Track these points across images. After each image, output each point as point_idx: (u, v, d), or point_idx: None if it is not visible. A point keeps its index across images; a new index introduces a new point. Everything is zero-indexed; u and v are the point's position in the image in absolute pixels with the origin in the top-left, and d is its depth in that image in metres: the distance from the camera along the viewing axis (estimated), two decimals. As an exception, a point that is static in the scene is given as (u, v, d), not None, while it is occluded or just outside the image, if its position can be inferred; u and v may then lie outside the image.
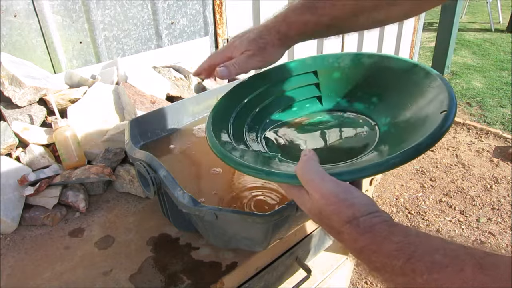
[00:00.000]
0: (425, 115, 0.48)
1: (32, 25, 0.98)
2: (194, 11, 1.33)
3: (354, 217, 0.37)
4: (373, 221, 0.36)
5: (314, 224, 0.79)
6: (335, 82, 0.64)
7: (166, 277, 0.60)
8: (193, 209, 0.52)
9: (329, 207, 0.39)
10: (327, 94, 0.65)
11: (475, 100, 3.21)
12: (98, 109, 0.91)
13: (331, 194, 0.39)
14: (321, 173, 0.41)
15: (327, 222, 0.40)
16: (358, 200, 0.38)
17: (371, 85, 0.60)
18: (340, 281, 1.14)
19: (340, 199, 0.38)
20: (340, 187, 0.39)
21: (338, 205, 0.38)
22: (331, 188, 0.39)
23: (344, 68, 0.63)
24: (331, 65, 0.64)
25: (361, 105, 0.61)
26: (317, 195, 0.40)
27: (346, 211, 0.38)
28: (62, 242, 0.68)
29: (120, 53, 1.19)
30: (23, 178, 0.73)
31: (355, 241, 0.37)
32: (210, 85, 1.13)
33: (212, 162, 0.74)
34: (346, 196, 0.39)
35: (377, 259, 0.35)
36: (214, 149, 0.50)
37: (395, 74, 0.57)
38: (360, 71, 0.61)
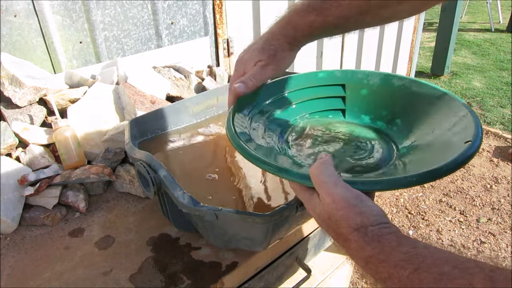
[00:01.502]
0: (448, 142, 0.48)
1: (32, 25, 0.98)
2: (194, 11, 1.33)
3: (362, 225, 0.37)
4: (382, 232, 0.36)
5: (314, 224, 0.79)
6: (361, 98, 0.65)
7: (166, 277, 0.60)
8: (193, 209, 0.52)
9: (338, 212, 0.38)
10: (351, 109, 0.66)
11: (475, 100, 3.21)
12: (98, 109, 0.91)
13: (342, 199, 0.39)
14: (335, 178, 0.40)
15: (336, 228, 0.39)
16: (368, 209, 0.38)
17: (397, 106, 0.61)
18: (340, 281, 1.14)
19: (351, 205, 0.38)
20: (352, 193, 0.39)
21: (348, 211, 0.38)
22: (343, 193, 0.39)
23: (372, 86, 0.64)
24: (360, 81, 0.65)
25: (384, 125, 0.62)
26: (328, 198, 0.39)
27: (355, 218, 0.37)
28: (62, 242, 0.68)
29: (120, 53, 1.19)
30: (23, 178, 0.73)
31: (362, 250, 0.36)
32: (210, 85, 1.13)
33: (209, 165, 0.74)
34: (357, 203, 0.38)
35: (384, 270, 0.34)
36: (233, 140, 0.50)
37: (423, 99, 0.57)
38: (388, 92, 0.62)
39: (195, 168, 0.73)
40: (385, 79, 0.63)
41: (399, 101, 0.61)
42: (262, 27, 1.61)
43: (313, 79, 0.67)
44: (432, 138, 0.52)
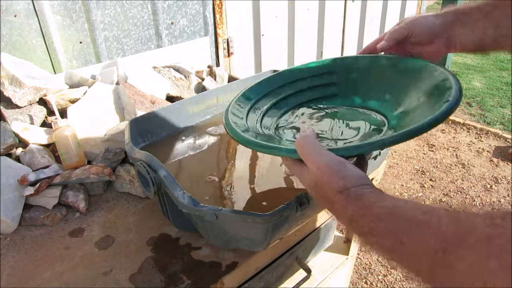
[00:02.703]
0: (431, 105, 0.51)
1: (32, 25, 0.98)
2: (194, 11, 1.33)
3: (345, 188, 0.40)
4: (363, 191, 0.39)
5: (314, 224, 0.79)
6: (352, 82, 0.68)
7: (166, 277, 0.60)
8: (193, 209, 0.52)
9: (323, 177, 0.42)
10: (343, 93, 0.70)
11: (475, 100, 3.21)
12: (98, 109, 0.91)
13: (325, 166, 0.42)
14: (318, 148, 0.44)
15: (322, 193, 0.42)
16: (350, 173, 0.41)
17: (386, 83, 0.64)
18: (340, 281, 1.14)
19: (334, 171, 0.41)
20: (335, 160, 0.43)
21: (331, 176, 0.41)
22: (326, 160, 0.42)
23: (362, 69, 0.67)
24: (350, 66, 0.68)
25: (375, 103, 0.65)
26: (313, 167, 0.43)
27: (338, 182, 0.40)
28: (62, 242, 0.68)
29: (120, 53, 1.19)
30: (23, 178, 0.73)
31: (346, 209, 0.39)
32: (210, 85, 1.13)
33: (210, 166, 0.74)
34: (340, 168, 0.42)
35: (364, 224, 0.37)
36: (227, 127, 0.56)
37: (408, 73, 0.60)
38: (376, 72, 0.65)
39: (195, 169, 0.73)
40: (373, 60, 0.66)
41: (387, 79, 0.64)
42: (262, 27, 1.62)
43: (305, 70, 0.71)
44: (417, 105, 0.56)
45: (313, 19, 1.85)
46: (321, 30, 1.91)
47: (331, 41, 2.02)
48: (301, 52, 1.86)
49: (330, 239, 0.96)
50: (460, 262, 0.28)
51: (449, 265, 0.29)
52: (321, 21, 1.88)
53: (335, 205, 0.40)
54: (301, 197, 0.54)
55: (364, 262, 1.68)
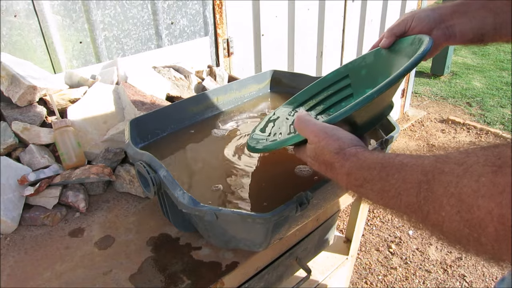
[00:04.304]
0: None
1: (32, 25, 0.98)
2: (194, 11, 1.33)
3: (340, 148, 0.45)
4: (357, 150, 0.44)
5: (314, 224, 0.79)
6: (362, 78, 0.74)
7: (166, 277, 0.60)
8: (193, 209, 0.52)
9: (321, 143, 0.47)
10: (357, 90, 0.76)
11: (475, 100, 3.21)
12: (98, 109, 0.91)
13: (320, 131, 0.47)
14: (313, 120, 0.50)
15: (322, 159, 0.47)
16: (344, 136, 0.46)
17: (388, 69, 0.68)
18: (340, 281, 1.14)
19: (329, 135, 0.47)
20: (329, 126, 0.48)
21: (327, 140, 0.46)
22: (321, 127, 0.48)
23: (369, 65, 0.73)
24: (359, 65, 0.74)
25: None
26: (311, 136, 0.48)
27: (334, 144, 0.45)
28: (62, 242, 0.68)
29: (120, 53, 1.19)
30: (23, 178, 0.73)
31: (343, 166, 0.44)
32: (210, 85, 1.13)
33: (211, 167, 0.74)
34: (334, 132, 0.47)
35: (360, 175, 0.42)
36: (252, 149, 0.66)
37: (403, 51, 0.65)
38: (380, 62, 0.70)
39: (195, 169, 0.73)
40: (377, 53, 0.71)
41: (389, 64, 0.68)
42: (262, 27, 1.62)
43: (323, 82, 0.79)
44: None
45: (313, 19, 1.85)
46: (321, 30, 1.91)
47: (331, 41, 2.02)
48: (301, 52, 1.86)
49: (330, 239, 0.96)
50: (440, 187, 0.33)
51: (432, 191, 0.33)
52: (321, 21, 1.88)
53: (333, 165, 0.45)
54: (301, 197, 0.54)
55: (364, 262, 1.68)
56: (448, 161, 0.34)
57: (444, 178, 0.33)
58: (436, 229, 0.34)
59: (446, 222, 0.32)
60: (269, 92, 1.03)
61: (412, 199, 0.35)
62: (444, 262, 1.66)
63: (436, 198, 0.33)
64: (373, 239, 1.80)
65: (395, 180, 0.37)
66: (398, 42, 0.67)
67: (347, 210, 1.93)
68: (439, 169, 0.34)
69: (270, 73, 1.03)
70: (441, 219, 0.32)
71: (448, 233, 0.33)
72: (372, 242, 1.78)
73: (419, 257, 1.69)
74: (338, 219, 1.85)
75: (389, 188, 0.38)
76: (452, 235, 0.32)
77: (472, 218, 0.30)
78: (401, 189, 0.37)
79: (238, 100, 0.97)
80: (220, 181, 0.68)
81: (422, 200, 0.34)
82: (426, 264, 1.65)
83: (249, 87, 0.99)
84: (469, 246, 0.31)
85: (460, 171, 0.32)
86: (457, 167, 0.32)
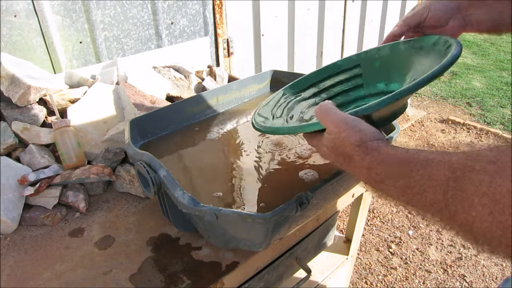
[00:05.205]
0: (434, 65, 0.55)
1: (32, 25, 0.98)
2: (194, 11, 1.33)
3: (362, 141, 0.43)
4: (379, 144, 0.43)
5: (314, 224, 0.79)
6: (375, 70, 0.72)
7: (166, 277, 0.60)
8: (193, 209, 0.52)
9: (341, 134, 0.45)
10: (367, 82, 0.74)
11: (475, 100, 3.21)
12: (98, 109, 0.91)
13: (342, 122, 0.45)
14: (335, 109, 0.48)
15: (341, 150, 0.45)
16: (366, 128, 0.45)
17: (405, 65, 0.66)
18: (340, 281, 1.14)
19: (350, 126, 0.45)
20: (350, 117, 0.46)
21: (348, 132, 0.44)
22: (342, 118, 0.46)
23: (384, 57, 0.71)
24: (373, 56, 0.72)
25: (396, 85, 0.68)
26: (331, 126, 0.46)
27: (355, 136, 0.44)
28: (62, 242, 0.68)
29: (120, 53, 1.19)
30: (23, 178, 0.73)
31: (363, 160, 0.42)
32: (210, 85, 1.13)
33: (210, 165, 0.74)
34: (355, 124, 0.45)
35: (382, 170, 0.40)
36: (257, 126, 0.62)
37: (424, 50, 0.63)
38: (397, 57, 0.69)
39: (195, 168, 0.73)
40: (393, 47, 0.69)
41: (406, 61, 0.66)
42: (262, 27, 1.62)
43: (333, 67, 0.76)
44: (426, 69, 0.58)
45: (313, 19, 1.85)
46: (321, 30, 1.91)
47: (331, 41, 2.02)
48: (301, 52, 1.86)
49: (330, 239, 0.96)
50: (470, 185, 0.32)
51: (461, 189, 0.32)
52: (321, 21, 1.88)
53: (353, 157, 0.44)
54: (301, 197, 0.54)
55: (364, 262, 1.68)
56: (479, 158, 0.33)
57: (475, 176, 0.31)
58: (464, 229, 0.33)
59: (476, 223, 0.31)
60: (269, 92, 1.03)
61: (438, 196, 0.34)
62: (444, 262, 1.66)
63: (466, 197, 0.32)
64: (373, 239, 1.80)
65: (420, 176, 0.36)
66: (418, 40, 0.65)
67: (347, 210, 1.93)
68: (470, 167, 0.32)
69: (270, 73, 1.03)
70: (471, 219, 0.31)
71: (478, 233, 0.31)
72: (372, 242, 1.78)
73: (419, 257, 1.69)
74: (338, 219, 1.86)
75: (413, 185, 0.37)
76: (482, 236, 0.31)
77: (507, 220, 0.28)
78: (426, 186, 0.35)
79: (238, 100, 0.97)
80: (220, 184, 0.68)
81: (449, 198, 0.33)
82: (426, 264, 1.65)
83: (249, 87, 0.99)
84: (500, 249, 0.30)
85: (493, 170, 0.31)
86: (489, 165, 0.31)
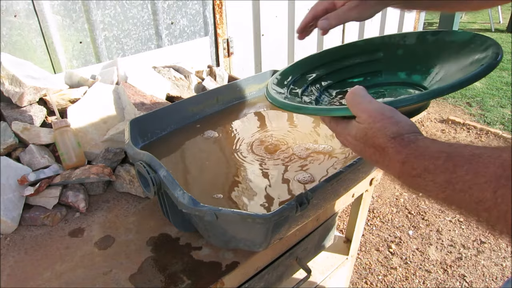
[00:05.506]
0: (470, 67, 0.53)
1: (32, 25, 0.98)
2: (194, 11, 1.33)
3: (398, 133, 0.40)
4: (417, 137, 0.40)
5: (314, 224, 0.79)
6: (397, 58, 0.70)
7: (166, 277, 0.60)
8: (193, 209, 0.52)
9: (376, 124, 0.41)
10: (388, 69, 0.71)
11: (475, 100, 3.21)
12: (98, 109, 0.91)
13: (377, 112, 0.42)
14: (369, 97, 0.44)
15: (372, 141, 0.42)
16: (403, 120, 0.41)
17: (431, 58, 0.64)
18: (340, 281, 1.14)
19: (386, 117, 0.41)
20: (386, 107, 0.42)
21: (384, 122, 0.41)
22: (378, 107, 0.42)
23: (408, 46, 0.68)
24: (397, 43, 0.70)
25: (419, 77, 0.66)
26: (364, 115, 0.43)
27: (391, 128, 0.40)
28: (62, 242, 0.68)
29: (120, 53, 1.19)
30: (23, 178, 0.73)
31: (399, 153, 0.39)
32: (210, 85, 1.13)
33: (209, 165, 0.74)
34: (392, 114, 0.42)
35: (419, 164, 0.37)
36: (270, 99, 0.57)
37: (456, 45, 0.61)
38: (422, 47, 0.66)
39: (194, 168, 0.73)
40: (420, 37, 0.67)
41: (434, 53, 0.64)
42: (262, 27, 1.62)
43: (353, 47, 0.73)
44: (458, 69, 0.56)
45: (313, 19, 1.85)
46: (321, 30, 1.91)
47: (331, 41, 2.02)
48: (301, 52, 1.86)
49: (330, 239, 0.96)
50: None
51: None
52: (321, 21, 1.89)
53: (387, 150, 0.40)
54: (301, 197, 0.54)
55: (364, 262, 1.68)
56: None
57: None
58: None
59: None
60: (269, 92, 1.03)
61: (486, 195, 0.32)
62: (444, 262, 1.66)
63: None
64: (373, 239, 1.80)
65: (465, 172, 0.34)
66: (449, 33, 0.63)
67: (347, 210, 1.93)
68: None
69: (270, 73, 1.03)
70: None
71: None
72: (372, 242, 1.78)
73: (419, 257, 1.69)
74: (338, 219, 1.86)
75: (456, 181, 0.34)
76: None
77: None
78: (471, 183, 0.33)
79: (238, 100, 0.97)
80: (220, 184, 0.68)
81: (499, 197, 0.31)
82: (426, 264, 1.65)
83: (249, 87, 0.99)
84: None
85: None
86: None
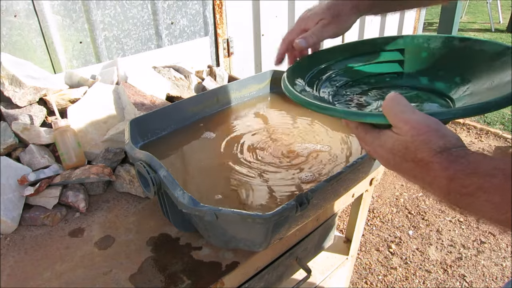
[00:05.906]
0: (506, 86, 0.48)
1: (32, 25, 0.98)
2: (194, 11, 1.33)
3: (445, 148, 0.36)
4: (466, 152, 0.36)
5: (314, 224, 0.79)
6: (420, 61, 0.66)
7: (166, 277, 0.60)
8: (193, 209, 0.52)
9: (420, 137, 0.38)
10: (409, 72, 0.67)
11: (475, 100, 3.21)
12: (98, 109, 0.91)
13: (422, 124, 0.38)
14: (411, 107, 0.40)
15: (414, 155, 0.38)
16: (450, 133, 0.38)
17: (457, 66, 0.61)
18: (340, 281, 1.14)
19: (432, 129, 0.38)
20: (431, 119, 0.39)
21: (430, 135, 0.37)
22: (422, 119, 0.39)
23: (433, 49, 0.65)
24: (421, 45, 0.66)
25: (442, 84, 0.62)
26: (406, 126, 0.39)
27: (438, 141, 0.37)
28: (62, 242, 0.68)
29: (120, 53, 1.19)
30: (23, 178, 0.73)
31: (446, 169, 0.36)
32: (210, 85, 1.13)
33: (210, 167, 0.74)
34: (438, 127, 0.38)
35: (471, 182, 0.34)
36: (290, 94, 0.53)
37: (485, 56, 0.58)
38: (449, 53, 0.63)
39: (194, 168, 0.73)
40: (446, 41, 0.64)
41: (460, 61, 0.61)
42: (262, 27, 1.62)
43: (372, 44, 0.69)
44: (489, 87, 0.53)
45: (313, 19, 1.85)
46: (321, 30, 1.91)
47: (331, 41, 2.02)
48: (301, 52, 1.86)
49: (330, 239, 0.96)
50: None
51: None
52: (321, 21, 1.89)
53: (432, 165, 0.37)
54: (301, 197, 0.54)
55: (364, 262, 1.68)
56: None
57: None
58: None
59: None
60: (269, 92, 1.03)
61: None
62: (444, 262, 1.66)
63: None
64: (373, 239, 1.80)
65: None
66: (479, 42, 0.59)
67: (347, 210, 1.93)
68: None
69: (270, 73, 1.03)
70: None
71: None
72: (372, 242, 1.78)
73: (419, 257, 1.69)
74: (338, 219, 1.86)
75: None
76: None
77: None
78: None
79: (238, 100, 0.97)
80: (220, 184, 0.68)
81: None
82: (426, 264, 1.65)
83: (249, 87, 0.99)
84: None
85: None
86: None
